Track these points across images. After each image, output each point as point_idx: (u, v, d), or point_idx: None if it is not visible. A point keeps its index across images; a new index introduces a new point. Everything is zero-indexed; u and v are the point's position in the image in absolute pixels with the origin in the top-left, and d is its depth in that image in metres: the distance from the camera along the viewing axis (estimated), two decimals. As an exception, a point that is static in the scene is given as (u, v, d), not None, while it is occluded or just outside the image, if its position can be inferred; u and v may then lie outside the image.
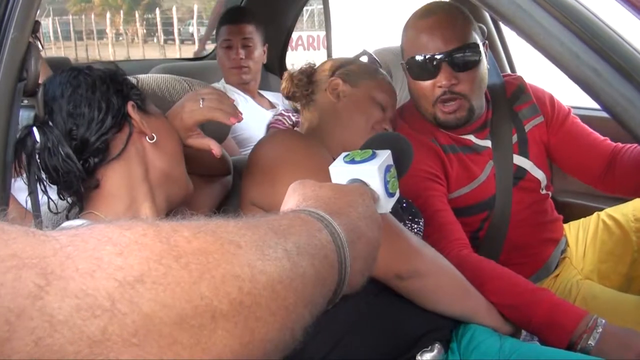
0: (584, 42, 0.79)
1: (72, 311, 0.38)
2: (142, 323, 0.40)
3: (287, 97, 1.70)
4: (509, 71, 2.68)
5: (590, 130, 1.84)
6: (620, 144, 1.76)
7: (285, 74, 1.68)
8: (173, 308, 0.41)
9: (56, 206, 1.20)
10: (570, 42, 0.80)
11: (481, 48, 1.68)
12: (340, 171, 0.86)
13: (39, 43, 1.67)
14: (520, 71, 2.73)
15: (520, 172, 1.80)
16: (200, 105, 1.30)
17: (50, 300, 0.37)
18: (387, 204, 0.85)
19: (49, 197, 1.18)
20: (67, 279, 0.39)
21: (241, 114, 1.32)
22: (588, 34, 0.78)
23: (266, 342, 0.47)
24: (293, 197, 0.72)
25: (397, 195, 0.88)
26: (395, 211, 1.41)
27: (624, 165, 1.72)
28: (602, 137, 1.81)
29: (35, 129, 1.14)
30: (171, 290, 0.42)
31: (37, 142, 1.13)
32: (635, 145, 1.70)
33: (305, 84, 1.64)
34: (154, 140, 1.20)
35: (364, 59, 1.77)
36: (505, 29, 2.72)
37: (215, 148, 1.30)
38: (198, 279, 0.43)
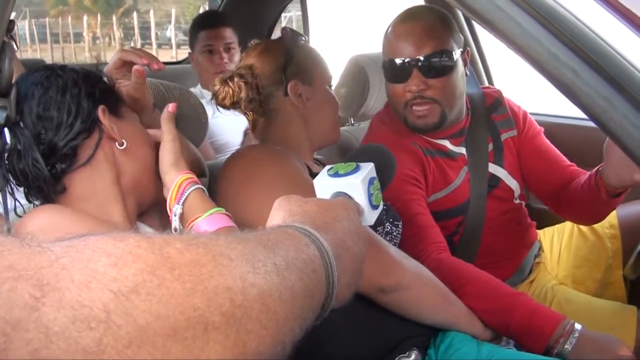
0: (563, 42, 0.79)
1: (67, 322, 0.38)
2: (136, 335, 0.40)
3: (225, 106, 1.49)
4: (486, 83, 2.70)
5: (558, 152, 1.86)
6: (582, 171, 1.78)
7: (217, 81, 1.49)
8: (167, 319, 0.41)
9: (24, 209, 1.17)
10: (549, 42, 0.80)
11: (456, 56, 1.68)
12: (324, 185, 0.87)
13: (13, 43, 1.64)
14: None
15: (494, 180, 1.81)
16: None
17: (46, 311, 0.38)
18: (371, 217, 0.86)
19: (15, 200, 1.15)
20: (63, 290, 0.39)
21: (162, 64, 1.27)
22: (567, 34, 0.78)
23: (258, 354, 0.47)
24: (279, 213, 0.72)
25: (381, 207, 0.89)
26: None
27: (569, 192, 1.75)
28: (568, 162, 1.84)
29: (6, 130, 1.11)
30: (165, 302, 0.42)
31: (7, 143, 1.11)
32: (586, 174, 1.72)
33: (251, 89, 1.46)
34: (123, 147, 1.17)
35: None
36: (483, 42, 2.75)
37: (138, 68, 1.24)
38: (191, 290, 0.44)
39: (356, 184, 0.84)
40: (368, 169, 0.87)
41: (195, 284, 0.44)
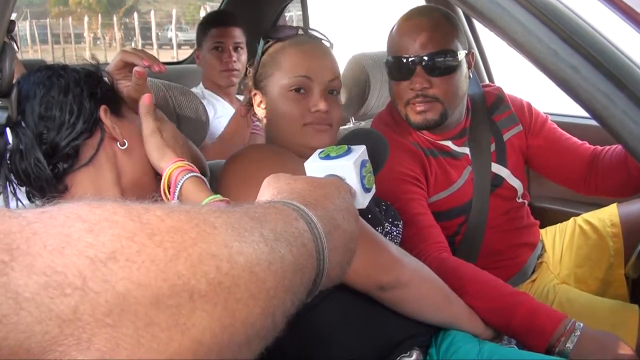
0: (562, 39, 0.79)
1: (39, 289, 0.36)
2: (116, 302, 0.38)
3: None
4: (487, 82, 2.70)
5: (568, 135, 1.86)
6: (599, 147, 1.79)
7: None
8: (148, 287, 0.40)
9: (25, 208, 1.17)
10: (549, 39, 0.79)
11: (460, 56, 1.68)
12: (316, 167, 0.85)
13: (14, 43, 1.64)
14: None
15: (497, 180, 1.81)
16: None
17: (15, 276, 0.36)
18: (363, 199, 0.84)
19: (17, 199, 1.16)
20: (34, 255, 0.38)
21: (163, 66, 1.28)
22: (566, 30, 0.78)
23: (248, 325, 0.46)
24: (267, 191, 0.72)
25: (374, 190, 0.87)
26: (374, 214, 1.41)
27: (605, 165, 1.74)
28: (580, 141, 1.84)
29: (8, 130, 1.11)
30: (146, 269, 0.40)
31: (9, 143, 1.11)
32: (615, 146, 1.73)
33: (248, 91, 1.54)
34: (125, 147, 1.17)
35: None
36: (483, 41, 2.74)
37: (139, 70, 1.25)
38: (174, 257, 0.42)
39: (348, 166, 0.83)
40: (360, 151, 0.86)
41: (177, 251, 0.42)
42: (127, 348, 0.38)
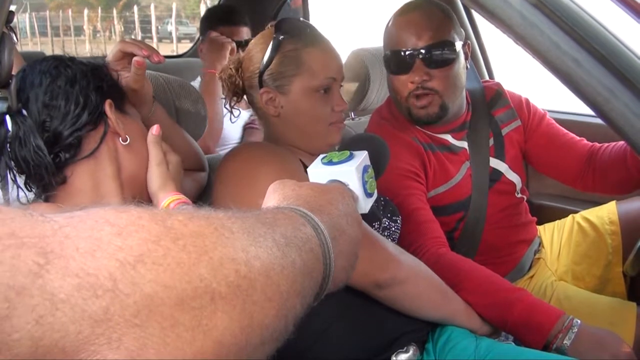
0: (565, 31, 0.78)
1: (73, 290, 0.38)
2: (143, 304, 0.40)
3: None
4: (487, 77, 2.70)
5: (566, 131, 1.86)
6: (597, 144, 1.79)
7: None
8: (174, 289, 0.42)
9: (27, 198, 1.17)
10: (551, 31, 0.79)
11: (458, 47, 1.68)
12: (318, 173, 0.87)
13: (13, 34, 1.63)
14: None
15: (496, 175, 1.81)
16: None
17: (51, 278, 0.38)
18: (365, 204, 0.86)
19: (19, 187, 1.16)
20: (68, 258, 0.39)
21: (162, 56, 1.28)
22: (569, 23, 0.78)
23: (263, 327, 0.48)
24: (273, 197, 0.73)
25: (375, 195, 0.89)
26: (371, 210, 1.41)
27: (603, 163, 1.74)
28: (578, 138, 1.84)
29: (8, 118, 1.11)
30: (171, 271, 0.42)
31: (9, 130, 1.11)
32: (614, 143, 1.73)
33: (233, 85, 1.49)
34: (127, 142, 1.18)
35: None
36: (483, 36, 2.74)
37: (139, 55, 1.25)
38: (197, 260, 0.44)
39: (350, 172, 0.84)
40: (362, 157, 0.87)
41: (200, 255, 0.44)
42: (154, 347, 0.40)
